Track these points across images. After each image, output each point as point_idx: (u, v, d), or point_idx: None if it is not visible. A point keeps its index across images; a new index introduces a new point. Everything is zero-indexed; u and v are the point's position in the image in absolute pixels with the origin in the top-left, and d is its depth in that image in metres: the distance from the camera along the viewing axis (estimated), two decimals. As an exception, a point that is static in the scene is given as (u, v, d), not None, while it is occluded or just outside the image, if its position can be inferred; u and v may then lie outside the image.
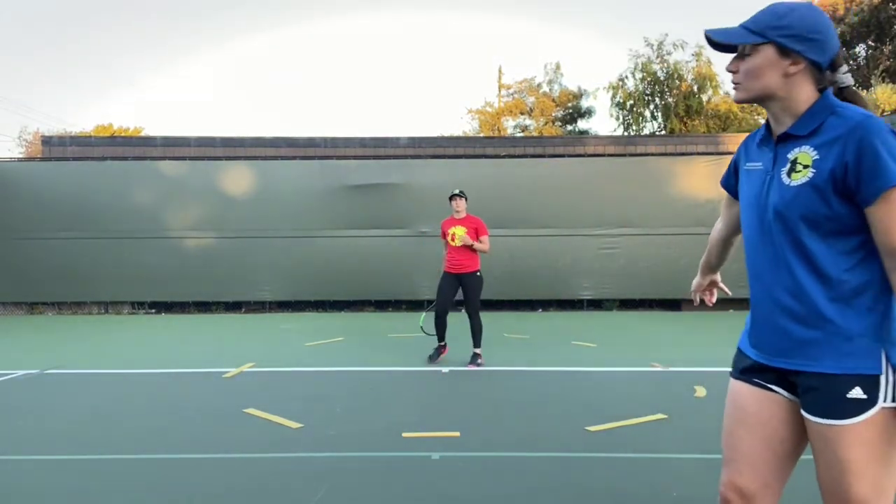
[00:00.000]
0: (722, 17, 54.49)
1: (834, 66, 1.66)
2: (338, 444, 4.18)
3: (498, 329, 9.89)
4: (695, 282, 2.35)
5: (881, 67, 28.14)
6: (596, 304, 12.69)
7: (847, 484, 1.59)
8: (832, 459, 1.61)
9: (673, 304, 12.58)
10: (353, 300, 12.73)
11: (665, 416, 4.71)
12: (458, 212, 7.14)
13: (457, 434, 4.31)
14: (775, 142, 1.70)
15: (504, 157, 13.61)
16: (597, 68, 53.17)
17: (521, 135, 31.23)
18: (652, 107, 26.81)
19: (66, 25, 65.27)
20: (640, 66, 26.32)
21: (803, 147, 1.62)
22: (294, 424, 4.57)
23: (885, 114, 19.19)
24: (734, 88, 1.72)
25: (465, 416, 4.82)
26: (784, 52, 1.62)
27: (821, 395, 1.60)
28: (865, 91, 25.33)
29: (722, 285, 2.38)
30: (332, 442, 4.22)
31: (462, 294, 7.10)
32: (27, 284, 12.57)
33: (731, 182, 1.96)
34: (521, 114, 33.38)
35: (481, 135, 30.77)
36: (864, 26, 28.49)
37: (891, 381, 1.56)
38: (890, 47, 28.84)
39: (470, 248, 7.01)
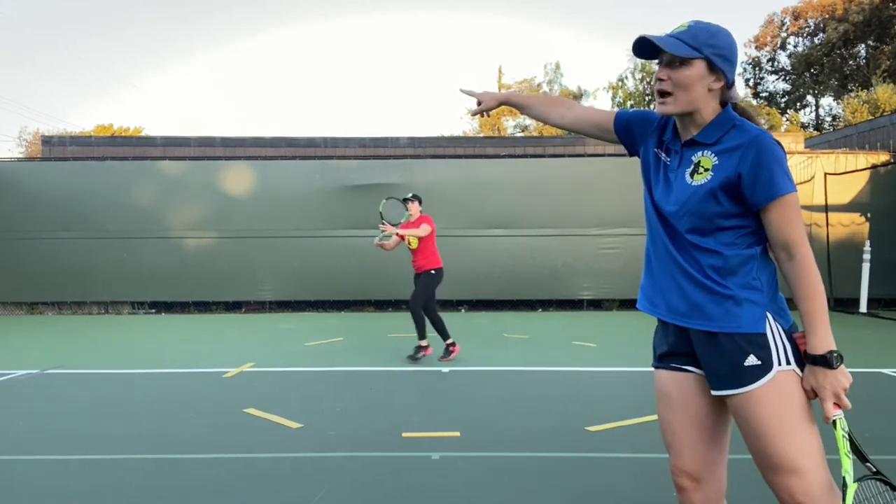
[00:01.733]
0: (722, 17, 54.43)
1: (730, 85, 1.84)
2: (338, 444, 4.18)
3: (498, 329, 9.89)
4: (489, 96, 2.26)
5: (882, 67, 28.11)
6: (596, 304, 12.69)
7: (769, 448, 1.72)
8: (748, 428, 1.75)
9: (673, 304, 12.58)
10: (353, 300, 12.73)
11: (665, 416, 4.71)
12: (411, 215, 7.15)
13: (457, 434, 4.31)
14: (682, 144, 1.87)
15: (504, 157, 13.61)
16: (597, 68, 53.18)
17: (521, 135, 31.21)
18: (652, 107, 26.83)
19: (66, 25, 65.26)
20: (639, 66, 26.33)
21: (706, 152, 1.81)
22: (294, 424, 4.57)
23: (886, 114, 19.16)
24: (661, 101, 1.83)
25: (465, 416, 4.82)
26: (712, 68, 1.78)
27: (719, 366, 1.77)
28: (865, 91, 25.31)
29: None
30: (332, 442, 4.22)
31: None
32: (27, 284, 12.57)
33: (625, 126, 2.06)
34: (521, 114, 33.35)
35: (481, 135, 30.75)
36: (865, 25, 28.44)
37: (781, 346, 1.74)
38: (890, 47, 28.79)
39: (421, 248, 7.16)
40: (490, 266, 12.49)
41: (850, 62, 31.67)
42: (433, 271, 7.29)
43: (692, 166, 1.82)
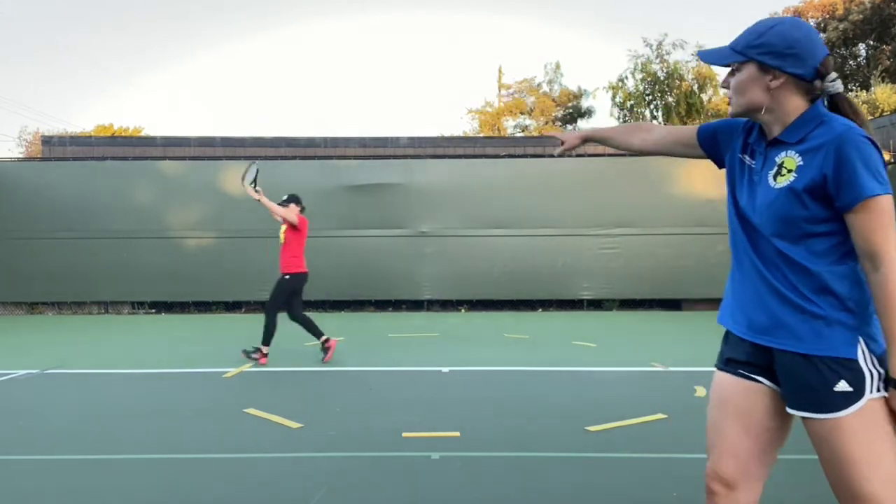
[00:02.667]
0: (722, 16, 54.47)
1: (821, 76, 1.72)
2: (338, 444, 4.18)
3: (498, 329, 9.89)
4: (572, 135, 2.38)
5: (881, 67, 28.12)
6: (596, 304, 12.68)
7: (852, 477, 1.63)
8: (830, 454, 1.67)
9: (673, 304, 12.58)
10: (353, 300, 12.73)
11: (665, 416, 4.71)
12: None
13: (457, 434, 4.30)
14: (766, 144, 1.79)
15: (504, 157, 13.60)
16: (597, 68, 53.18)
17: (521, 135, 31.21)
18: (652, 107, 26.81)
19: (66, 25, 65.26)
20: (639, 66, 26.32)
21: (790, 152, 1.72)
22: (294, 424, 4.57)
23: (886, 114, 19.17)
24: (729, 103, 1.83)
25: (465, 416, 4.82)
26: (764, 68, 1.72)
27: (808, 388, 1.67)
28: (865, 91, 25.33)
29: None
30: (332, 442, 4.22)
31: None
32: (27, 284, 12.57)
33: (710, 136, 2.00)
34: (521, 114, 33.38)
35: (481, 135, 30.76)
36: (866, 24, 28.45)
37: (874, 373, 1.63)
38: (890, 47, 28.80)
39: (287, 245, 7.25)
40: (490, 266, 12.50)
41: (851, 62, 31.67)
42: (289, 276, 7.15)
43: (775, 167, 1.73)
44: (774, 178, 1.72)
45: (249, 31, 69.77)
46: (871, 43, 29.99)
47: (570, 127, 32.63)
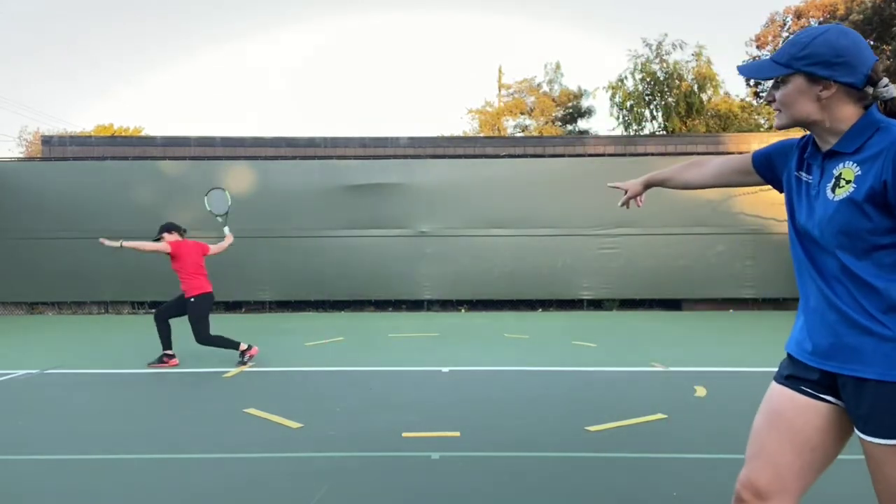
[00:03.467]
0: (723, 16, 54.49)
1: (873, 82, 1.67)
2: (338, 444, 4.18)
3: (498, 329, 9.89)
4: (633, 183, 2.49)
5: (881, 67, 28.14)
6: (596, 304, 12.68)
7: None
8: (885, 480, 1.62)
9: (673, 304, 12.58)
10: (353, 300, 12.73)
11: (665, 416, 4.71)
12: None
13: (457, 434, 4.30)
14: (823, 157, 1.74)
15: (504, 157, 13.60)
16: (597, 68, 53.16)
17: (521, 135, 31.23)
18: (652, 107, 26.81)
19: (66, 25, 65.29)
20: (639, 66, 26.32)
21: (847, 163, 1.66)
22: (294, 424, 4.57)
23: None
24: (776, 116, 1.79)
25: (465, 416, 4.82)
26: (813, 79, 1.66)
27: (878, 413, 1.59)
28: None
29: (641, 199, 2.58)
30: (332, 442, 4.22)
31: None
32: (27, 284, 12.57)
33: (765, 160, 1.97)
34: (521, 114, 33.38)
35: (481, 135, 30.77)
36: (866, 24, 28.46)
37: None
38: (891, 47, 28.81)
39: (179, 270, 7.23)
40: (490, 266, 12.50)
41: (851, 62, 31.64)
42: (193, 299, 6.97)
43: (833, 180, 1.67)
44: (833, 190, 1.66)
45: (250, 31, 69.79)
46: (872, 43, 29.98)
47: (569, 127, 32.65)
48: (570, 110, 33.28)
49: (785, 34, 35.50)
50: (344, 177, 12.65)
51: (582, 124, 33.61)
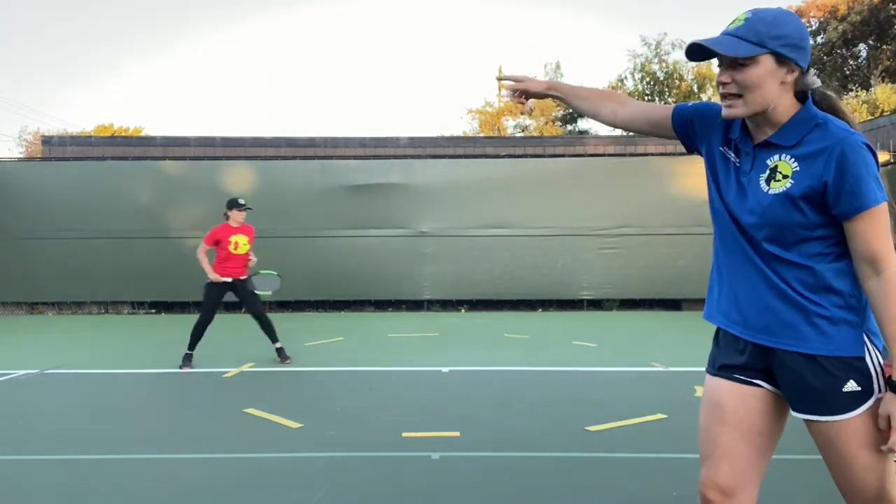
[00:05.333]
0: (723, 16, 54.49)
1: (806, 72, 1.65)
2: (338, 444, 4.18)
3: (498, 329, 9.89)
4: (536, 81, 2.12)
5: (881, 67, 28.13)
6: (596, 304, 12.68)
7: (862, 479, 1.61)
8: (837, 457, 1.64)
9: (673, 304, 12.58)
10: (353, 300, 12.72)
11: (665, 416, 4.71)
12: (238, 222, 6.97)
13: (457, 434, 4.30)
14: (755, 145, 1.70)
15: (504, 157, 13.60)
16: (597, 68, 53.17)
17: (521, 135, 31.22)
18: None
19: (66, 25, 65.29)
20: (639, 66, 26.34)
21: (783, 156, 1.63)
22: (294, 424, 4.57)
23: (886, 114, 19.18)
24: (728, 103, 1.65)
25: (465, 416, 4.82)
26: (781, 60, 1.60)
27: (814, 390, 1.62)
28: (865, 91, 25.32)
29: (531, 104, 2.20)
30: (332, 442, 4.22)
31: (240, 299, 7.11)
32: (27, 284, 12.56)
33: (685, 121, 1.88)
34: (522, 114, 33.37)
35: (481, 135, 30.77)
36: (864, 25, 28.45)
37: (880, 370, 1.60)
38: (890, 47, 28.81)
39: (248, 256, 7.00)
40: (490, 266, 12.49)
41: (851, 62, 31.67)
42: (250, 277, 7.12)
43: (768, 171, 1.65)
44: (767, 182, 1.64)
45: (250, 31, 69.79)
46: (872, 43, 29.98)
47: (569, 127, 32.64)
48: (571, 110, 33.30)
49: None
50: (344, 177, 12.65)
51: (582, 124, 33.59)
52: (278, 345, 7.01)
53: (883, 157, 12.71)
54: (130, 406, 5.27)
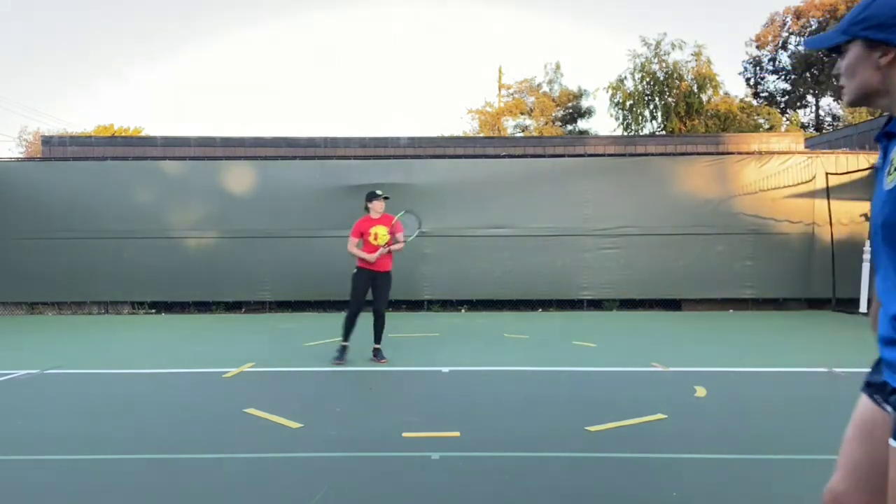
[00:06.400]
0: (725, 16, 54.45)
1: None
2: (338, 444, 4.18)
3: (498, 329, 9.89)
4: None
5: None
6: (596, 304, 12.68)
7: None
8: None
9: (673, 304, 12.58)
10: (353, 300, 12.71)
11: (665, 416, 4.71)
12: (378, 212, 7.11)
13: (457, 434, 4.30)
14: (886, 137, 1.57)
15: (504, 157, 13.60)
16: (597, 68, 53.17)
17: (521, 135, 31.23)
18: (651, 107, 26.82)
19: (66, 25, 65.29)
20: (639, 66, 26.33)
21: None
22: (294, 424, 4.57)
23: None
24: (842, 91, 1.62)
25: (465, 416, 4.82)
26: (871, 44, 1.50)
27: None
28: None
29: None
30: (332, 442, 4.22)
31: (372, 292, 7.16)
32: (27, 284, 12.56)
33: None
34: (521, 114, 33.41)
35: (481, 135, 30.78)
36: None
37: None
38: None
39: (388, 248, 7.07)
40: (490, 266, 12.49)
41: (850, 62, 31.62)
42: (391, 272, 7.33)
43: (889, 165, 1.49)
44: (888, 175, 1.48)
45: (250, 31, 69.78)
46: (871, 43, 29.96)
47: (569, 127, 32.67)
48: (570, 110, 33.31)
49: (785, 34, 35.51)
50: (344, 177, 12.65)
51: (582, 124, 33.63)
52: (378, 346, 7.14)
53: (883, 156, 12.70)
54: (130, 406, 5.27)
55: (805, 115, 35.75)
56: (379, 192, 7.28)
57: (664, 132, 25.69)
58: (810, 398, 5.42)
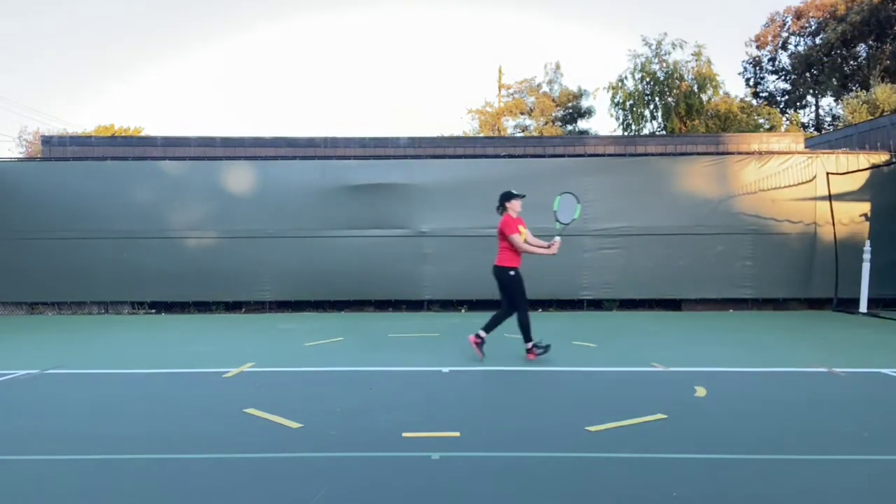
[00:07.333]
0: (725, 16, 54.46)
1: None
2: (338, 444, 4.18)
3: (498, 329, 9.86)
4: None
5: (881, 67, 28.12)
6: (596, 304, 12.68)
7: None
8: None
9: (673, 304, 12.57)
10: (353, 300, 12.72)
11: (665, 416, 4.71)
12: (517, 211, 7.33)
13: (457, 434, 4.31)
14: None
15: (504, 157, 13.60)
16: (597, 68, 53.16)
17: (521, 135, 31.23)
18: (651, 107, 26.82)
19: (67, 25, 65.26)
20: (639, 66, 26.33)
21: None
22: (294, 424, 4.57)
23: (886, 114, 19.17)
24: None
25: (465, 416, 4.82)
26: None
27: None
28: (865, 91, 25.29)
29: None
30: (332, 442, 4.22)
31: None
32: (27, 284, 12.56)
33: None
34: (521, 114, 33.40)
35: (481, 135, 30.77)
36: (864, 25, 28.43)
37: None
38: (890, 47, 28.79)
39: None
40: (490, 266, 12.47)
41: (851, 62, 31.66)
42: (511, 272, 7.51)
43: None
44: None
45: (250, 31, 69.77)
46: (871, 43, 29.96)
47: (569, 127, 32.66)
48: (570, 110, 33.30)
49: (785, 34, 35.51)
50: (344, 177, 12.65)
51: (582, 124, 33.62)
52: (529, 344, 7.36)
53: (883, 156, 12.71)
54: (130, 406, 5.27)
55: (805, 115, 35.77)
56: (515, 191, 7.44)
57: (664, 132, 25.69)
58: (810, 398, 5.42)
